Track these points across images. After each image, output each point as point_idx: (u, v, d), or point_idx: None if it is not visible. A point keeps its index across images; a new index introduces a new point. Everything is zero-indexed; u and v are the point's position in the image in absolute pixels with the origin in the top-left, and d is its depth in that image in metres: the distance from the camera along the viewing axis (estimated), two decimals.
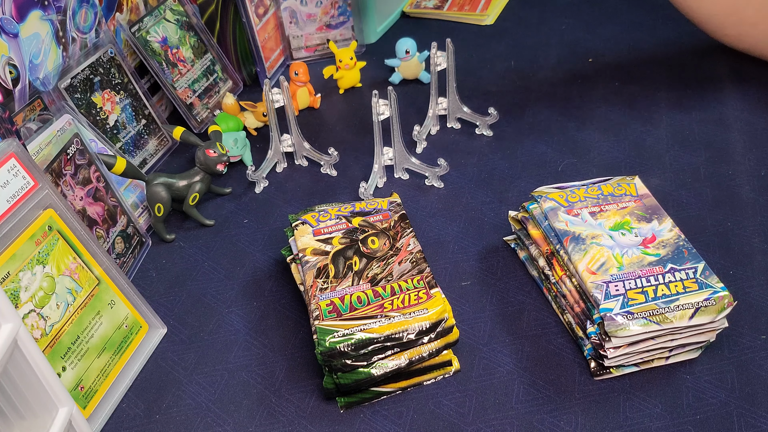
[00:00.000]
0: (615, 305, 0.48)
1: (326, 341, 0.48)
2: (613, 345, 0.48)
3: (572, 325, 0.53)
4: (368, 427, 0.49)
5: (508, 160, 0.73)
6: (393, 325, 0.48)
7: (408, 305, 0.50)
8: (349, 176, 0.73)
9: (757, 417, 0.47)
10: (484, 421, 0.49)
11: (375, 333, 0.48)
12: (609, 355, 0.48)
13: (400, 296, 0.51)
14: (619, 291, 0.49)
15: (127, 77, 0.73)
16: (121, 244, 0.63)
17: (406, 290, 0.51)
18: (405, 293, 0.51)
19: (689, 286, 0.49)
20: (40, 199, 0.50)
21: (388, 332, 0.48)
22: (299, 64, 0.83)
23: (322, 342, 0.48)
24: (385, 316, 0.49)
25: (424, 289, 0.51)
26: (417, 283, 0.52)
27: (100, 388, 0.52)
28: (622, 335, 0.47)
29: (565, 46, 0.92)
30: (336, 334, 0.48)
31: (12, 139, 0.49)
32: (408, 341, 0.48)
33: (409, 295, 0.51)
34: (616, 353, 0.48)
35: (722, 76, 0.83)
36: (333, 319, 0.49)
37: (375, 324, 0.49)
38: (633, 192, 0.57)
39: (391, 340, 0.48)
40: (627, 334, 0.47)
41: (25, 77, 0.60)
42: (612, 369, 0.50)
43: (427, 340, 0.49)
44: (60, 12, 0.64)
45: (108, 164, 0.63)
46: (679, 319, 0.47)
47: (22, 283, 0.48)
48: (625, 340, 0.48)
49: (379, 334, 0.48)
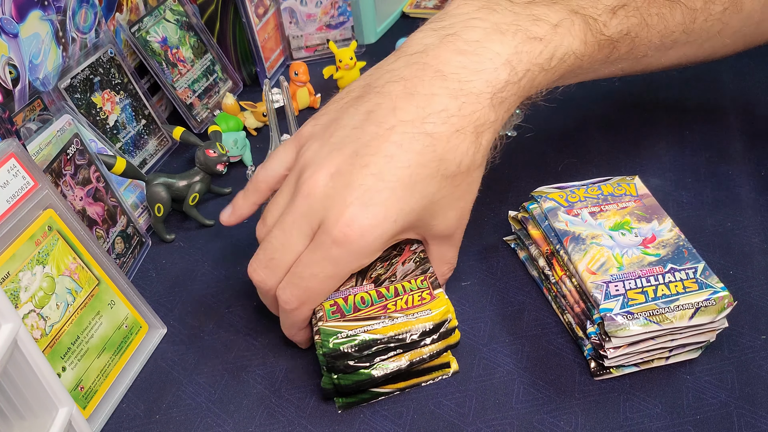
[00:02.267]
0: (615, 305, 0.48)
1: (330, 342, 0.47)
2: (613, 345, 0.48)
3: (572, 325, 0.53)
4: (368, 427, 0.49)
5: (508, 160, 0.73)
6: (397, 326, 0.48)
7: (412, 306, 0.50)
8: None
9: (757, 417, 0.47)
10: (484, 421, 0.49)
11: (379, 334, 0.48)
12: (609, 355, 0.48)
13: (404, 297, 0.50)
14: (619, 291, 0.49)
15: (127, 77, 0.73)
16: (121, 244, 0.63)
17: (409, 291, 0.51)
18: (408, 294, 0.50)
19: (689, 286, 0.49)
20: (40, 200, 0.50)
21: (391, 333, 0.48)
22: (299, 64, 0.83)
23: (325, 343, 0.47)
24: (389, 317, 0.49)
25: (427, 290, 0.51)
26: (421, 284, 0.51)
27: (100, 388, 0.52)
28: (622, 335, 0.47)
29: None
30: (340, 335, 0.48)
31: (12, 139, 0.49)
32: (411, 342, 0.48)
33: (413, 295, 0.50)
34: (616, 353, 0.48)
35: (723, 76, 0.83)
36: (337, 320, 0.49)
37: (379, 325, 0.48)
38: (633, 192, 0.57)
39: (395, 341, 0.48)
40: (627, 334, 0.47)
41: (24, 77, 0.60)
42: (612, 369, 0.50)
43: (430, 342, 0.49)
44: (60, 12, 0.64)
45: (108, 164, 0.63)
46: (679, 319, 0.47)
47: (22, 284, 0.48)
48: (626, 340, 0.48)
49: (383, 335, 0.48)
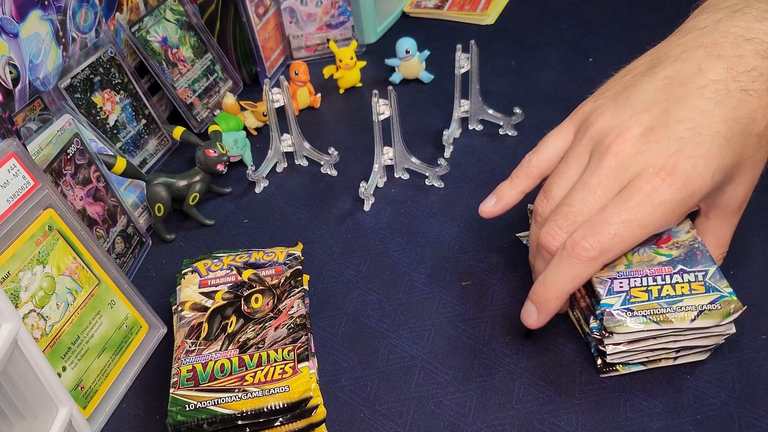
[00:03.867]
0: (616, 301, 0.48)
1: (177, 414, 0.45)
2: (613, 341, 0.48)
3: (580, 321, 0.53)
4: (368, 426, 0.49)
5: (508, 160, 0.73)
6: (249, 401, 0.45)
7: (270, 380, 0.46)
8: (349, 176, 0.73)
9: (758, 417, 0.47)
10: (484, 421, 0.49)
11: (229, 409, 0.45)
12: (608, 351, 0.48)
13: (265, 368, 0.47)
14: (623, 288, 0.49)
15: (127, 77, 0.73)
16: (121, 244, 0.63)
17: (273, 362, 0.47)
18: (271, 365, 0.47)
19: (696, 289, 0.48)
20: (40, 199, 0.50)
21: (243, 409, 0.45)
22: (299, 63, 0.83)
23: (172, 414, 0.45)
24: (244, 390, 0.46)
25: (291, 363, 0.47)
26: (287, 355, 0.48)
27: (100, 388, 0.52)
28: (621, 332, 0.47)
29: (565, 46, 0.92)
30: (188, 407, 0.45)
31: (12, 139, 0.49)
32: (265, 420, 0.45)
33: (275, 367, 0.47)
34: (615, 350, 0.48)
35: None
36: (189, 388, 0.46)
37: (231, 399, 0.45)
38: None
39: (246, 418, 0.45)
40: (625, 330, 0.47)
41: (25, 77, 0.60)
42: (618, 366, 0.50)
43: (285, 421, 0.45)
44: (60, 12, 0.64)
45: (108, 164, 0.63)
46: (680, 320, 0.47)
47: (22, 283, 0.48)
48: (625, 337, 0.48)
49: (234, 410, 0.45)
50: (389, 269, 0.62)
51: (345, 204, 0.70)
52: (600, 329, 0.49)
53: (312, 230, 0.67)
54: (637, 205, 0.44)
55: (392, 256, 0.63)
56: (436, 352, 0.54)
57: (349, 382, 0.53)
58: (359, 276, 0.61)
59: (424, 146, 0.76)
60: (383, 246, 0.64)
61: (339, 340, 0.56)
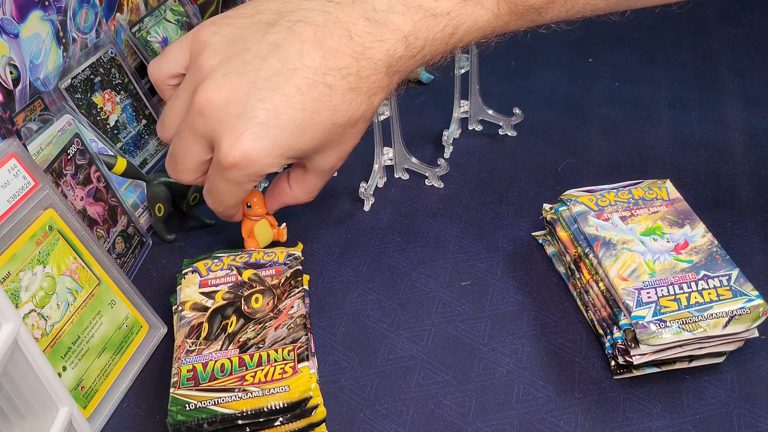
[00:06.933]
0: (647, 313, 0.48)
1: (177, 414, 0.45)
2: (640, 352, 0.48)
3: (594, 322, 0.53)
4: (368, 426, 0.49)
5: (508, 160, 0.73)
6: (249, 401, 0.45)
7: (270, 380, 0.46)
8: (349, 176, 0.73)
9: (757, 417, 0.47)
10: (484, 421, 0.49)
11: (230, 409, 0.45)
12: (635, 362, 0.48)
13: (265, 368, 0.47)
14: (651, 298, 0.48)
15: (127, 77, 0.73)
16: (121, 244, 0.63)
17: (273, 361, 0.47)
18: (271, 365, 0.47)
19: (723, 294, 0.48)
20: (41, 199, 0.50)
21: (243, 409, 0.45)
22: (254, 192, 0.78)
23: (172, 414, 0.45)
24: (244, 390, 0.46)
25: (291, 363, 0.47)
26: (287, 355, 0.48)
27: (101, 387, 0.52)
28: (654, 343, 0.47)
29: (565, 47, 0.92)
30: (188, 406, 0.45)
31: (12, 139, 0.49)
32: (265, 420, 0.45)
33: (275, 367, 0.47)
34: (642, 360, 0.48)
35: (722, 76, 0.83)
36: (190, 388, 0.46)
37: (231, 398, 0.45)
38: (664, 196, 0.56)
39: (246, 417, 0.45)
40: (659, 342, 0.47)
41: (25, 77, 0.61)
42: (633, 369, 0.50)
43: (284, 421, 0.45)
44: (60, 12, 0.65)
45: (108, 164, 0.63)
46: (712, 327, 0.47)
47: (23, 283, 0.48)
48: (656, 347, 0.47)
49: (234, 410, 0.45)
50: (389, 269, 0.62)
51: (345, 204, 0.70)
52: (625, 339, 0.49)
53: (312, 230, 0.67)
54: (223, 180, 0.51)
55: (392, 256, 0.63)
56: (436, 352, 0.54)
57: (349, 382, 0.53)
58: (359, 276, 0.61)
59: (424, 146, 0.76)
60: (383, 246, 0.64)
61: (339, 339, 0.56)
